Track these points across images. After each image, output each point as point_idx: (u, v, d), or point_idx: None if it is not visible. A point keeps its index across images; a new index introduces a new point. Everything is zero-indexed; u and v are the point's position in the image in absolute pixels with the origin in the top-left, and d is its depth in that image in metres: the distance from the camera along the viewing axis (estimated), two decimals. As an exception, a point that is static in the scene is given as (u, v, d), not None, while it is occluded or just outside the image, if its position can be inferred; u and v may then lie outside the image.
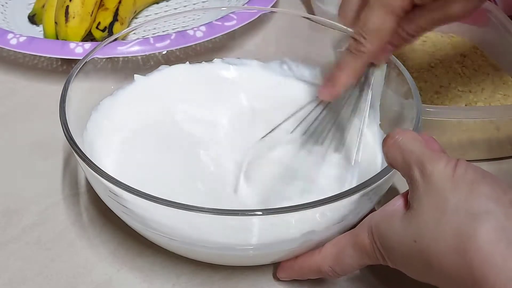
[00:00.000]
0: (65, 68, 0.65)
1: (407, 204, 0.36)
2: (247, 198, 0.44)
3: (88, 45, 0.61)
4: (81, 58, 0.48)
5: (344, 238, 0.40)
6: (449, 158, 0.35)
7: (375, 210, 0.39)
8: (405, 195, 0.37)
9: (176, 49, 0.59)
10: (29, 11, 0.72)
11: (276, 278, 0.44)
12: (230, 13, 0.63)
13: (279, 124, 0.46)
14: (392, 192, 0.48)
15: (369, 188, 0.38)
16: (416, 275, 0.36)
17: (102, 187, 0.40)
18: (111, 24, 0.66)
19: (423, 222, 0.34)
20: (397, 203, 0.37)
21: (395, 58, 0.48)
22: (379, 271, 0.38)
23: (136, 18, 0.74)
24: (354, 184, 0.43)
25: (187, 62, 0.56)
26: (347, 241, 0.39)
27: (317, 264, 0.40)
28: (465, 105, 0.56)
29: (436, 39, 0.65)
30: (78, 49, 0.60)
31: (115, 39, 0.52)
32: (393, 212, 0.37)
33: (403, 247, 0.35)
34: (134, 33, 0.63)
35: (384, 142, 0.38)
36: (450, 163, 0.34)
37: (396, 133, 0.37)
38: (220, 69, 0.56)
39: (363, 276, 0.44)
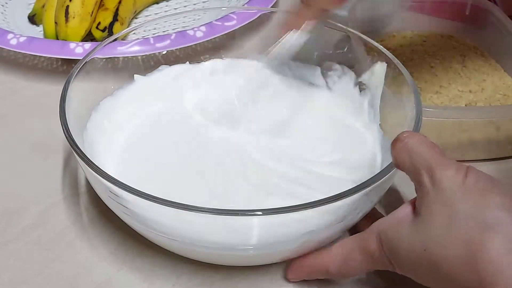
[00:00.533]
0: (65, 68, 0.65)
1: (415, 211, 0.36)
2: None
3: (88, 45, 0.61)
4: (81, 58, 0.48)
5: (352, 241, 0.39)
6: (459, 165, 0.35)
7: (383, 216, 0.39)
8: (413, 202, 0.37)
9: (176, 49, 0.59)
10: (29, 11, 0.72)
11: (276, 278, 0.44)
12: (230, 13, 0.63)
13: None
14: (392, 192, 0.48)
15: (369, 188, 0.38)
16: (424, 281, 0.36)
17: (102, 187, 0.40)
18: (111, 24, 0.66)
19: (432, 229, 0.34)
20: (406, 209, 0.37)
21: (395, 58, 0.48)
22: (386, 273, 0.38)
23: (136, 18, 0.74)
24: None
25: (187, 62, 0.56)
26: (354, 244, 0.39)
27: (326, 265, 0.40)
28: (465, 105, 0.56)
29: (436, 39, 0.65)
30: (78, 49, 0.60)
31: (115, 39, 0.52)
32: (401, 218, 0.36)
33: (411, 254, 0.35)
34: (134, 33, 0.63)
35: (393, 145, 0.38)
36: (460, 170, 0.34)
37: (405, 136, 0.37)
38: (220, 69, 0.56)
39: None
